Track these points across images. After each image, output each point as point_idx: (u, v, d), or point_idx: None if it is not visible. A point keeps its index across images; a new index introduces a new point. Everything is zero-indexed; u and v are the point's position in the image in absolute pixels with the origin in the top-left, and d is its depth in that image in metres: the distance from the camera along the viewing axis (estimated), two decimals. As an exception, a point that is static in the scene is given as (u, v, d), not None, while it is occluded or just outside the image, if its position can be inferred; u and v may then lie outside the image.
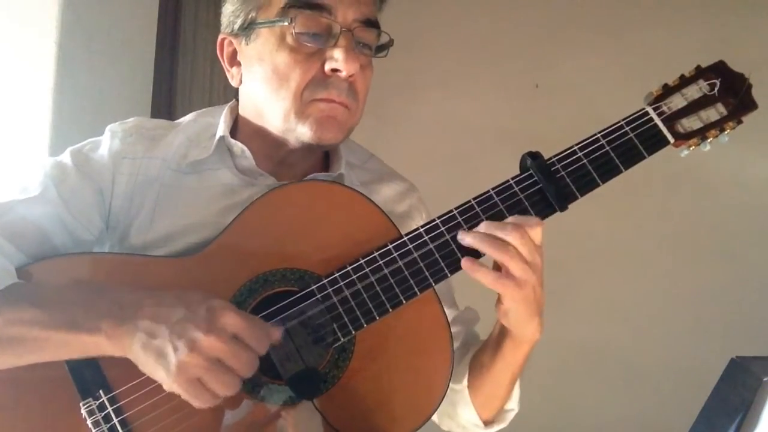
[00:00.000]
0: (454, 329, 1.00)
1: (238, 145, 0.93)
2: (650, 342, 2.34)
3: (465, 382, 0.96)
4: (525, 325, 0.85)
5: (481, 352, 0.96)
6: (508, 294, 0.81)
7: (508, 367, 0.91)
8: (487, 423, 0.97)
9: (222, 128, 0.95)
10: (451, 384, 0.95)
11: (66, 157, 0.92)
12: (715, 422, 0.76)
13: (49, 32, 1.69)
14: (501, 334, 0.90)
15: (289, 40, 0.88)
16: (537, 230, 0.81)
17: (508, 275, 0.80)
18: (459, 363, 0.98)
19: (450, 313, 1.01)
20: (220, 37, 0.96)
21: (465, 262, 0.81)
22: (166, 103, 2.13)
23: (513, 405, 0.98)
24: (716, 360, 0.86)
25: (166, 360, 0.70)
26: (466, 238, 0.81)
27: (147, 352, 0.71)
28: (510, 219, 0.81)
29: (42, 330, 0.74)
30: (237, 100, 1.01)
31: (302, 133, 0.89)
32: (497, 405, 0.96)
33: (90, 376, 0.77)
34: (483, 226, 0.81)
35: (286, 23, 0.87)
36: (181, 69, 2.19)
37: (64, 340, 0.74)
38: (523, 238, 0.79)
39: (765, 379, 0.74)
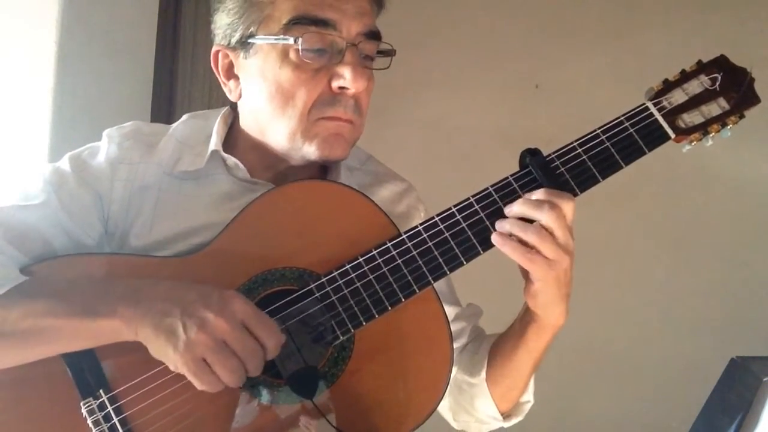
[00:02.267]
0: (458, 325, 1.01)
1: (231, 159, 0.93)
2: (650, 342, 2.34)
3: (483, 374, 0.95)
4: (552, 308, 0.85)
5: (502, 340, 0.96)
6: (538, 273, 0.80)
7: (530, 354, 0.91)
8: (505, 415, 0.98)
9: (215, 141, 0.94)
10: (468, 378, 0.96)
11: (65, 164, 0.92)
12: (715, 422, 0.77)
13: (49, 32, 1.69)
14: (525, 320, 0.90)
15: (293, 56, 0.86)
16: (569, 206, 0.80)
17: (540, 254, 0.79)
18: (474, 356, 0.98)
19: (453, 310, 1.01)
20: (215, 49, 0.94)
21: (495, 236, 0.81)
22: (166, 103, 2.13)
23: (529, 397, 0.98)
24: (716, 360, 0.86)
25: (175, 337, 0.72)
26: (506, 225, 0.81)
27: (158, 331, 0.72)
28: (543, 194, 0.80)
29: (57, 319, 0.75)
30: (231, 108, 1.00)
31: (309, 152, 0.89)
32: (515, 396, 0.96)
33: (90, 376, 0.78)
34: (518, 204, 0.81)
35: (291, 41, 0.85)
36: (181, 69, 2.18)
37: (81, 327, 0.75)
38: (558, 219, 0.79)
39: (765, 379, 0.74)
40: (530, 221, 0.81)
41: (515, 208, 0.81)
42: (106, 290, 0.77)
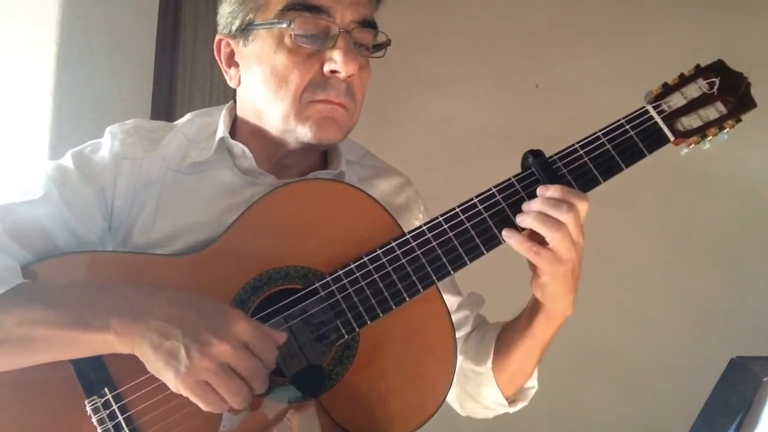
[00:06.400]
0: (462, 314, 1.03)
1: (238, 146, 0.94)
2: (650, 342, 2.34)
3: (489, 363, 0.97)
4: (559, 299, 0.87)
5: (509, 329, 0.97)
6: (548, 269, 0.82)
7: (537, 343, 0.93)
8: (510, 401, 0.99)
9: (222, 129, 0.96)
10: (474, 366, 0.98)
11: (67, 160, 0.93)
12: (715, 422, 0.76)
13: (49, 32, 1.69)
14: (533, 310, 0.91)
15: (288, 41, 0.88)
16: (584, 205, 0.82)
17: (550, 250, 0.81)
18: (479, 344, 1.00)
19: (455, 300, 1.03)
20: (217, 38, 0.97)
21: (506, 232, 0.83)
22: (166, 103, 2.13)
23: (534, 382, 1.00)
24: (716, 360, 0.86)
25: (177, 361, 0.71)
26: (526, 220, 0.82)
27: (157, 353, 0.72)
28: (558, 192, 0.81)
29: (51, 329, 0.75)
30: (235, 101, 1.01)
31: (302, 134, 0.90)
32: (521, 381, 0.98)
33: (95, 375, 0.78)
34: (538, 204, 0.82)
35: (284, 25, 0.88)
36: (181, 69, 2.18)
37: (73, 338, 0.75)
38: (576, 219, 0.81)
39: (765, 379, 0.73)
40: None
41: (534, 206, 0.82)
42: (100, 300, 0.76)
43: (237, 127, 0.99)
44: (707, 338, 2.25)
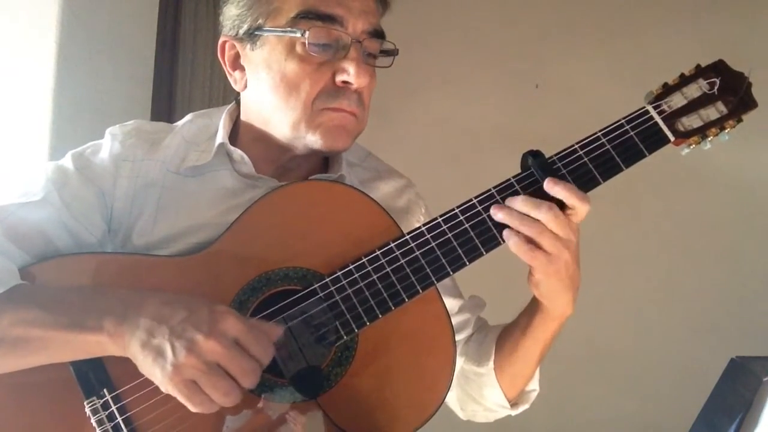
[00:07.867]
0: (462, 317, 1.02)
1: (237, 152, 0.94)
2: (650, 342, 2.35)
3: (490, 364, 0.97)
4: (557, 298, 0.87)
5: (510, 329, 0.97)
6: (539, 266, 0.82)
7: (538, 343, 0.93)
8: (512, 403, 0.99)
9: (221, 134, 0.95)
10: (476, 367, 0.98)
11: (67, 161, 0.92)
12: (715, 422, 0.76)
13: (49, 32, 1.69)
14: (532, 310, 0.92)
15: (299, 49, 0.88)
16: (586, 207, 0.82)
17: (539, 248, 0.81)
18: (480, 346, 1.00)
19: (456, 303, 1.02)
20: (222, 39, 0.96)
21: (506, 233, 0.83)
22: (166, 103, 2.13)
23: (535, 385, 1.00)
24: (716, 360, 0.86)
25: (163, 358, 0.70)
26: (498, 213, 0.82)
27: (145, 351, 0.71)
28: (564, 191, 0.81)
29: (45, 330, 0.75)
30: (236, 103, 1.00)
31: (312, 141, 0.90)
32: (522, 384, 0.98)
33: (94, 375, 0.78)
34: (518, 203, 0.82)
35: (297, 34, 0.87)
36: (181, 69, 2.19)
37: (67, 340, 0.75)
38: (557, 217, 0.80)
39: (765, 379, 0.73)
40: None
41: (516, 204, 0.82)
42: (94, 302, 0.76)
43: (239, 131, 0.98)
44: (707, 338, 2.25)
